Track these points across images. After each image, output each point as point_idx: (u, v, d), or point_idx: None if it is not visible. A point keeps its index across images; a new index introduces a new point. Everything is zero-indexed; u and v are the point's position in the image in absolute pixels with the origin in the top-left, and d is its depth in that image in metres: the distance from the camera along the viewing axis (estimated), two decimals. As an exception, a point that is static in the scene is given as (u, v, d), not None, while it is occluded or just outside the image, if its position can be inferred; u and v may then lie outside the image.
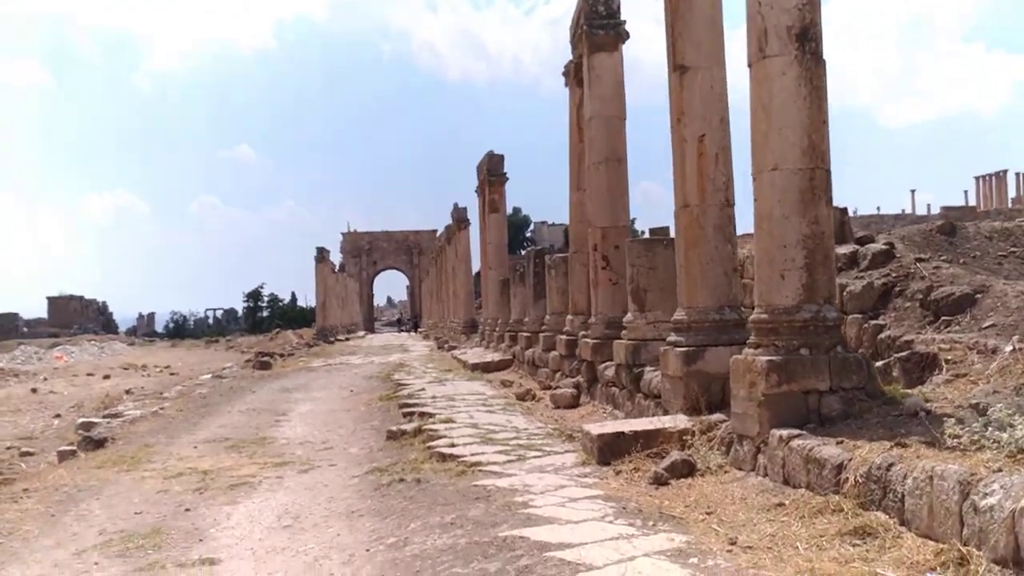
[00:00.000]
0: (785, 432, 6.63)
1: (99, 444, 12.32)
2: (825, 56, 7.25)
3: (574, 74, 15.21)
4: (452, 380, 18.17)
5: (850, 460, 5.70)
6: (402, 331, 77.39)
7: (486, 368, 20.58)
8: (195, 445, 11.44)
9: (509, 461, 8.44)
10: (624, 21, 13.25)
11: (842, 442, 6.08)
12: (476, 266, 43.26)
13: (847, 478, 5.60)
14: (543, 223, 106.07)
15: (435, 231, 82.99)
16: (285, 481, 8.59)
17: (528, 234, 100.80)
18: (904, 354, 7.95)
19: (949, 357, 7.63)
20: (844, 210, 13.55)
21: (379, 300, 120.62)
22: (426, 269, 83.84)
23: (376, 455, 9.83)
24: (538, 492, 7.01)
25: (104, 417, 15.34)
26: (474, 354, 25.06)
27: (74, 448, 12.34)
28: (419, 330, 70.49)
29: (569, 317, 15.49)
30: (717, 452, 7.72)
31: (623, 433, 8.17)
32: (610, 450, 8.08)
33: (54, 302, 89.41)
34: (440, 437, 9.96)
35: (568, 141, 15.68)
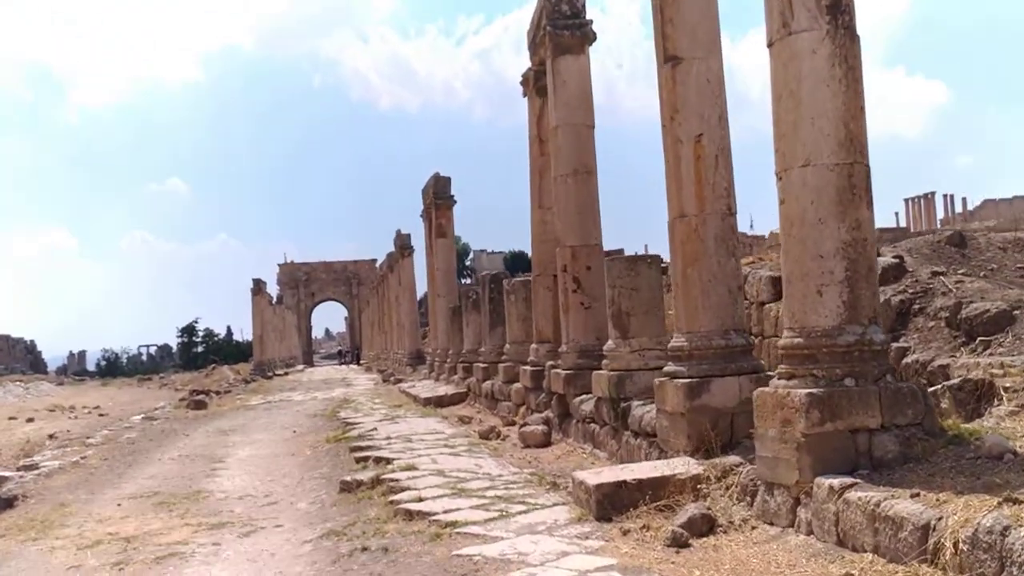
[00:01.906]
0: (836, 481, 5.46)
1: (8, 504, 10.71)
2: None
3: (533, 82, 14.06)
4: (405, 417, 16.77)
5: (939, 520, 4.52)
6: (343, 364, 75.52)
7: (439, 403, 19.23)
8: (119, 502, 9.96)
9: (491, 519, 7.13)
10: (591, 21, 12.14)
11: (918, 494, 4.92)
12: (420, 295, 41.97)
13: (942, 544, 4.41)
14: (482, 251, 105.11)
15: (374, 260, 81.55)
16: (223, 550, 7.18)
17: (468, 263, 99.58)
18: (955, 382, 6.84)
19: (1007, 384, 6.54)
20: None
21: (317, 332, 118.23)
22: (366, 299, 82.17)
23: (329, 512, 8.46)
24: (537, 563, 5.72)
25: (19, 469, 13.69)
26: (424, 387, 23.68)
27: (-21, 509, 10.80)
28: (360, 362, 68.73)
29: (533, 346, 14.24)
30: (739, 503, 6.52)
31: (625, 483, 6.93)
32: (611, 503, 6.84)
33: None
34: (403, 488, 8.62)
35: (528, 154, 14.49)
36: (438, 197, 27.05)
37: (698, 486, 6.84)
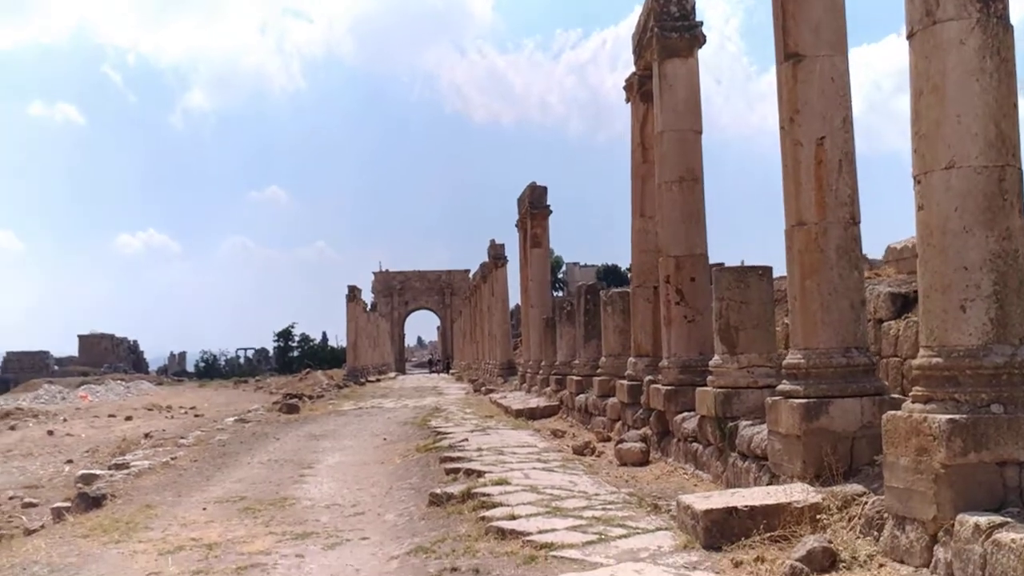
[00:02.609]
0: (983, 519, 4.85)
1: (96, 503, 10.65)
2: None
3: (638, 87, 13.57)
4: (496, 428, 16.39)
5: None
6: (433, 372, 75.79)
7: (531, 415, 18.81)
8: (204, 506, 9.78)
9: (589, 542, 6.66)
10: (700, 23, 11.62)
11: (1086, 540, 4.31)
12: (512, 305, 41.71)
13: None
14: (575, 264, 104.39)
15: (467, 271, 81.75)
16: (306, 563, 6.86)
17: (560, 275, 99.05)
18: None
19: None
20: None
21: (410, 340, 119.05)
22: (458, 309, 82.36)
23: (418, 525, 8.10)
24: (642, 595, 5.26)
25: (110, 468, 13.73)
26: (515, 399, 23.30)
27: (69, 505, 10.77)
28: (450, 371, 68.82)
29: (631, 359, 13.72)
30: (863, 537, 5.93)
31: (736, 509, 6.39)
32: (720, 531, 6.31)
33: (85, 340, 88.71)
34: (495, 504, 8.21)
35: (630, 162, 14.01)
36: (534, 207, 26.67)
37: (817, 516, 6.26)
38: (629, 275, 15.53)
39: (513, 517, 7.55)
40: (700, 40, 11.68)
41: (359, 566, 6.68)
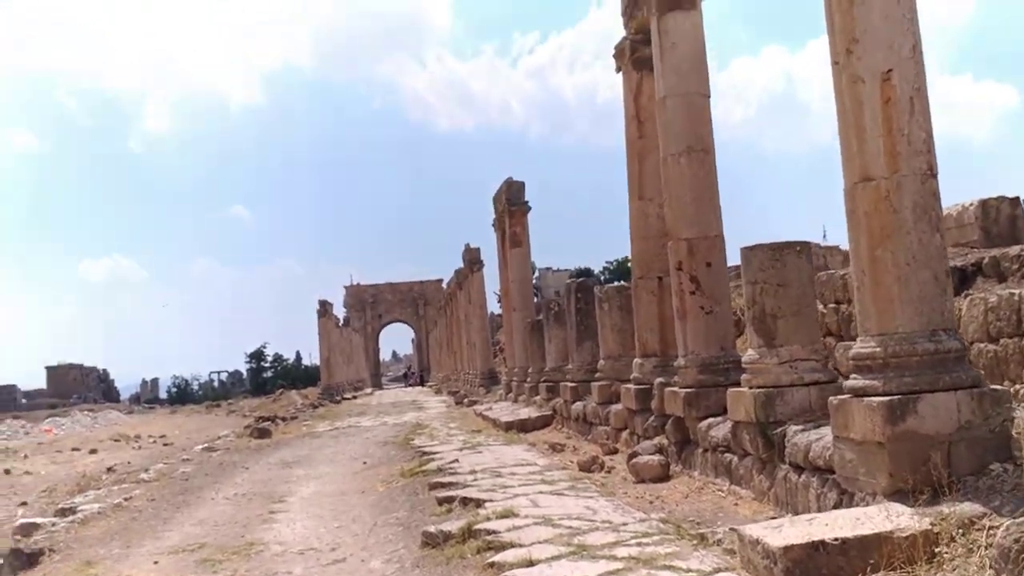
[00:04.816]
0: None
1: (30, 560, 9.07)
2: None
3: (630, 53, 12.13)
4: (487, 444, 14.85)
5: None
6: (409, 386, 74.06)
7: (523, 427, 17.30)
8: (156, 558, 8.25)
9: (636, 596, 5.20)
10: (703, -29, 10.20)
11: None
12: (488, 314, 40.21)
13: None
14: (548, 269, 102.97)
15: (440, 280, 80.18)
16: (273, 639, 5.35)
17: (534, 281, 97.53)
18: None
19: None
20: (1016, 200, 10.43)
21: (384, 354, 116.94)
22: (433, 320, 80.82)
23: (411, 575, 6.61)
24: None
25: (56, 514, 12.10)
26: (503, 410, 21.78)
27: (1, 562, 9.20)
28: (427, 384, 67.18)
29: (637, 361, 12.25)
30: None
31: (823, 543, 4.93)
32: (806, 573, 4.86)
33: (52, 372, 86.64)
34: (504, 544, 6.70)
35: (624, 139, 12.53)
36: (512, 204, 25.15)
37: (932, 548, 4.83)
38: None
39: (531, 563, 6.05)
40: (703, -9, 10.26)
41: (340, 643, 5.17)
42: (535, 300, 31.70)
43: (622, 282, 16.32)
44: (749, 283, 8.10)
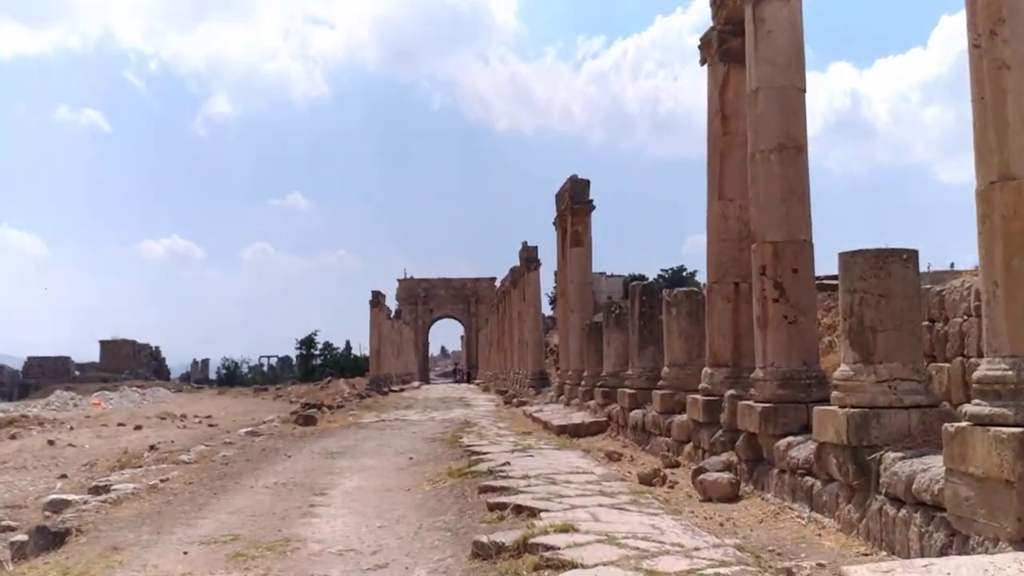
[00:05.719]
0: None
1: (57, 540, 8.59)
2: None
3: (717, 45, 11.40)
4: (539, 448, 14.18)
5: None
6: (457, 382, 73.71)
7: (575, 432, 16.61)
8: (186, 548, 7.71)
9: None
10: (805, -45, 9.46)
11: None
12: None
13: None
14: (601, 274, 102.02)
15: (493, 279, 79.73)
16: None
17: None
18: None
19: None
20: None
21: (433, 350, 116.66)
22: (484, 318, 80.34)
23: (460, 592, 5.97)
24: None
25: (89, 491, 11.67)
26: (554, 412, 21.10)
27: (27, 539, 8.75)
28: (474, 381, 66.68)
29: (707, 370, 11.50)
30: None
31: (952, 598, 4.20)
32: (927, 630, 4.14)
33: (106, 346, 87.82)
34: (564, 564, 6.02)
35: (707, 135, 11.79)
36: (575, 202, 24.42)
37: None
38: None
39: (596, 588, 5.39)
40: (805, -23, 9.52)
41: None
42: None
43: (688, 288, 15.56)
44: (847, 291, 7.34)
